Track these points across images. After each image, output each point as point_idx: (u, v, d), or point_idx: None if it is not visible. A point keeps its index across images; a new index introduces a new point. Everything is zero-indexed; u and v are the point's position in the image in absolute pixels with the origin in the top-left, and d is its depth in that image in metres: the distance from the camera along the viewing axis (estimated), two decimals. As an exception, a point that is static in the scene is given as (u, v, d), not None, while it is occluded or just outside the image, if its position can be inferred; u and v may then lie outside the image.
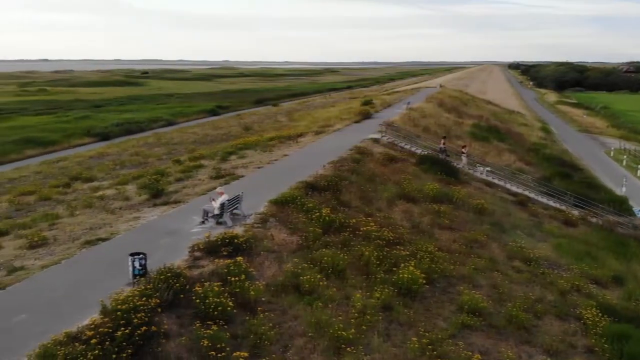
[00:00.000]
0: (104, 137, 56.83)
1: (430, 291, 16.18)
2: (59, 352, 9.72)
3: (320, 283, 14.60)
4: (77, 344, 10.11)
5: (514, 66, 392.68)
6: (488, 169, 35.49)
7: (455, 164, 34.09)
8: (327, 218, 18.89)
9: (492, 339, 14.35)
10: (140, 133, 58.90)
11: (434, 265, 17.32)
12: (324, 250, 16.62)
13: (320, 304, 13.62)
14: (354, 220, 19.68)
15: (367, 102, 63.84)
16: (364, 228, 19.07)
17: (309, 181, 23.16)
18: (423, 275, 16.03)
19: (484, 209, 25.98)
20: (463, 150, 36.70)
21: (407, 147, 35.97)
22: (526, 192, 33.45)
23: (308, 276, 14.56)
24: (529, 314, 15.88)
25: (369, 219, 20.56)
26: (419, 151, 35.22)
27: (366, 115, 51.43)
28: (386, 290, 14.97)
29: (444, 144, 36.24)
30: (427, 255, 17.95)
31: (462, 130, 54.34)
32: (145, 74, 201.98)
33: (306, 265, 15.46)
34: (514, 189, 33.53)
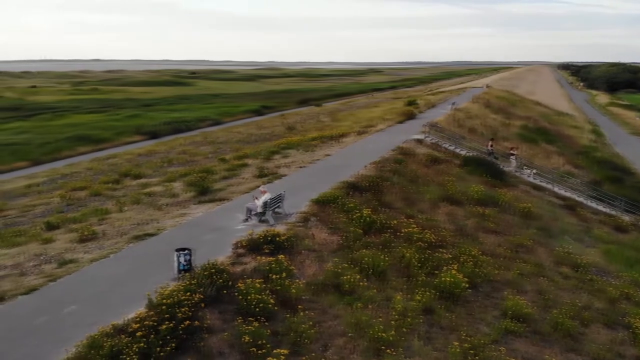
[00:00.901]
0: (153, 135, 58.33)
1: (473, 295, 15.90)
2: (105, 343, 10.05)
3: (361, 283, 14.59)
4: (123, 336, 10.43)
5: (564, 67, 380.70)
6: (535, 171, 34.57)
7: (502, 166, 33.36)
8: (368, 218, 18.85)
9: (537, 346, 13.98)
10: (188, 132, 60.16)
11: (477, 269, 17.01)
12: (364, 250, 16.59)
13: (360, 304, 13.60)
14: (395, 222, 19.56)
15: (411, 103, 63.24)
16: (406, 230, 18.92)
17: (350, 181, 23.16)
18: (466, 279, 15.78)
19: (531, 213, 25.33)
20: (512, 152, 35.86)
21: (452, 148, 35.45)
22: (575, 196, 32.39)
23: (348, 276, 14.57)
24: (576, 321, 15.38)
25: (411, 220, 20.39)
26: (463, 152, 34.66)
27: (410, 116, 50.97)
28: (427, 293, 14.80)
29: (491, 146, 35.52)
30: (471, 259, 17.67)
31: (510, 131, 53.13)
32: (193, 74, 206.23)
33: (346, 265, 15.47)
34: (563, 192, 32.54)
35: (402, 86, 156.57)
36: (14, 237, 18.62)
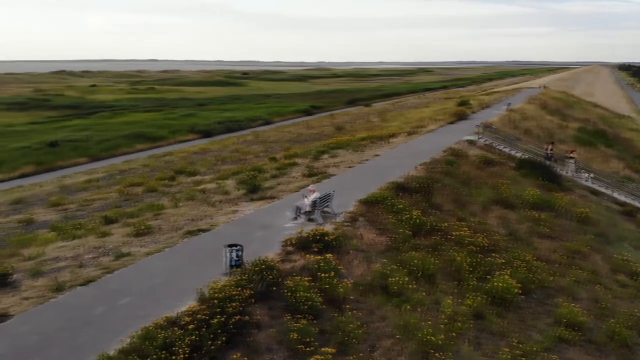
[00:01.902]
0: (207, 134, 59.70)
1: (526, 302, 15.49)
2: (159, 335, 10.34)
3: (409, 286, 14.46)
4: (175, 329, 10.73)
5: (624, 67, 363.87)
6: (593, 175, 33.24)
7: (559, 170, 32.27)
8: (417, 220, 18.65)
9: (591, 355, 13.48)
10: (240, 131, 61.23)
11: (530, 275, 16.57)
12: (413, 252, 16.43)
13: (408, 306, 13.48)
14: (445, 224, 19.27)
15: (463, 103, 62.06)
16: (457, 233, 18.61)
17: (399, 182, 22.97)
18: (518, 284, 15.40)
19: (588, 218, 24.38)
20: (571, 155, 34.63)
21: (506, 150, 34.56)
22: (635, 202, 30.93)
23: (396, 278, 14.47)
24: (633, 331, 14.73)
25: (462, 223, 20.03)
26: (518, 155, 33.73)
27: (462, 116, 50.04)
28: (478, 298, 14.52)
29: (551, 149, 34.40)
30: (524, 265, 17.23)
31: (566, 134, 51.29)
32: (245, 74, 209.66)
33: (395, 266, 15.37)
34: (622, 198, 31.12)
35: (453, 86, 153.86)
36: (73, 230, 19.46)
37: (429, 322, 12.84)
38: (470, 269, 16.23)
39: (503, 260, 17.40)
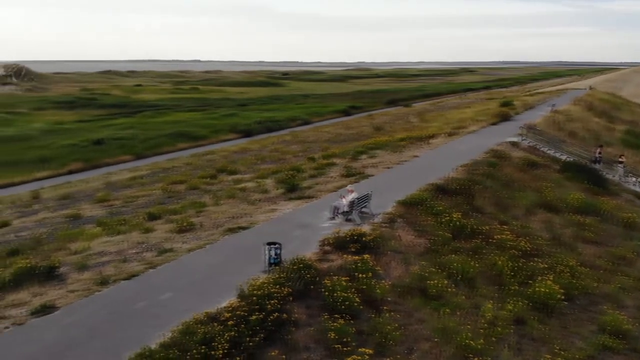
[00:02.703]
0: (247, 133, 60.49)
1: (569, 308, 15.08)
2: (199, 330, 10.54)
3: (448, 289, 14.29)
4: (215, 324, 10.90)
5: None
6: (642, 180, 32.05)
7: (605, 174, 31.25)
8: (457, 223, 18.41)
9: (637, 365, 13.01)
10: (279, 131, 61.77)
11: (574, 281, 16.13)
12: (453, 255, 16.24)
13: (447, 310, 13.32)
14: (487, 227, 18.96)
15: (506, 104, 60.82)
16: (498, 236, 18.28)
17: (439, 184, 22.72)
18: (561, 290, 15.01)
19: (634, 224, 23.53)
20: (620, 159, 33.48)
21: (550, 152, 33.73)
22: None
23: (435, 281, 14.33)
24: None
25: (504, 227, 19.67)
26: (563, 157, 32.85)
27: (504, 117, 49.07)
28: (519, 303, 14.24)
29: (599, 153, 33.35)
30: (568, 270, 16.80)
31: (613, 136, 49.63)
32: (285, 75, 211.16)
33: (434, 269, 15.22)
34: (674, 203, 29.87)
35: (496, 86, 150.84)
36: (118, 226, 20.02)
37: (468, 326, 12.67)
38: (512, 273, 15.93)
39: (546, 265, 17.00)
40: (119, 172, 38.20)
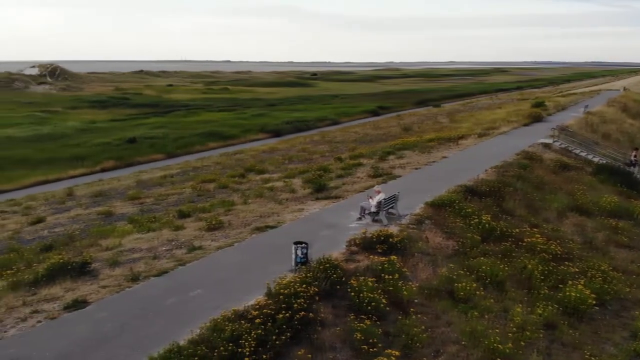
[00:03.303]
0: (276, 133, 60.92)
1: (600, 313, 14.75)
2: (227, 327, 10.66)
3: (477, 292, 14.13)
4: (243, 322, 11.01)
5: None
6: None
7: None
8: (487, 225, 18.18)
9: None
10: (307, 131, 62.01)
11: (606, 286, 15.74)
12: (482, 258, 16.05)
13: (475, 313, 13.18)
14: (517, 230, 18.68)
15: (539, 104, 59.72)
16: (529, 239, 17.98)
17: (468, 185, 22.46)
18: (593, 295, 14.69)
19: (672, 229, 22.85)
20: None
21: (583, 154, 32.99)
22: None
23: (464, 283, 14.18)
24: None
25: (535, 230, 19.34)
26: (596, 159, 32.10)
27: (537, 118, 48.19)
28: (550, 307, 13.98)
29: (635, 155, 32.49)
30: (600, 274, 16.41)
31: (650, 138, 48.21)
32: (314, 75, 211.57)
33: (462, 272, 15.06)
34: None
35: (529, 87, 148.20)
36: (149, 223, 20.39)
37: (497, 330, 12.50)
38: (542, 277, 15.67)
39: (577, 270, 16.66)
40: (151, 171, 38.89)
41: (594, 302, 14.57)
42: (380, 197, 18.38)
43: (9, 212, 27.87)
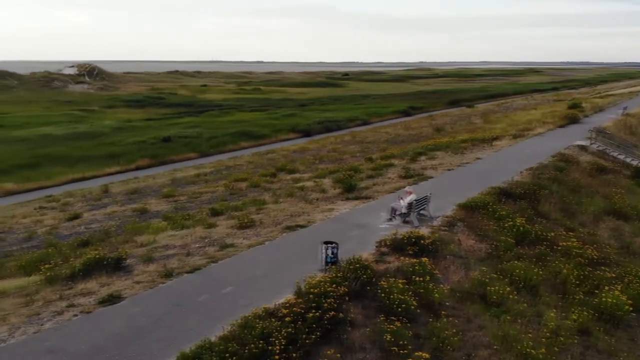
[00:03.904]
0: (307, 133, 61.10)
1: (637, 320, 14.34)
2: (257, 325, 10.75)
3: (510, 296, 13.91)
4: (273, 320, 11.09)
5: None
6: None
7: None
8: (521, 228, 17.88)
9: None
10: (338, 131, 61.98)
11: (644, 292, 15.28)
12: (515, 262, 15.80)
13: (508, 317, 12.98)
14: (552, 234, 18.30)
15: (575, 106, 58.42)
16: (564, 243, 17.61)
17: (502, 187, 22.12)
18: (630, 301, 14.29)
19: None
20: None
21: (621, 157, 32.09)
22: None
23: (496, 287, 13.97)
24: None
25: (570, 233, 18.92)
26: (634, 162, 31.17)
27: (573, 120, 47.18)
28: (585, 312, 13.66)
29: None
30: (637, 280, 15.95)
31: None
32: (345, 75, 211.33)
33: (495, 275, 14.85)
34: None
35: (564, 87, 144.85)
36: (182, 220, 20.72)
37: (530, 335, 12.29)
38: (577, 282, 15.33)
39: (614, 275, 16.23)
40: (184, 169, 39.51)
41: (631, 308, 14.17)
42: (412, 198, 18.26)
43: (48, 208, 28.72)
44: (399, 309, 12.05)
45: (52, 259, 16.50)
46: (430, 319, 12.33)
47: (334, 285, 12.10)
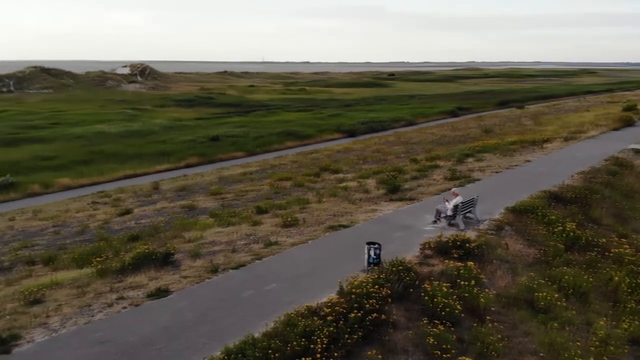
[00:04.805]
0: (351, 133, 60.96)
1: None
2: (299, 323, 10.85)
3: (558, 303, 13.53)
4: (315, 318, 11.17)
5: None
6: None
7: None
8: (571, 233, 17.35)
9: None
10: (382, 131, 61.58)
11: None
12: (565, 268, 15.35)
13: (556, 324, 12.63)
14: (603, 240, 17.67)
15: (630, 108, 56.09)
16: (616, 250, 16.98)
17: (552, 191, 21.52)
18: (687, 313, 13.65)
19: None
20: None
21: (681, 162, 30.57)
22: None
23: (544, 293, 13.62)
24: None
25: (623, 240, 18.22)
26: (697, 168, 29.64)
27: (627, 123, 45.37)
28: (636, 322, 13.14)
29: None
30: (695, 291, 15.19)
31: None
32: (391, 76, 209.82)
33: (543, 281, 14.47)
34: None
35: (619, 89, 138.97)
36: (229, 218, 21.11)
37: (578, 343, 11.92)
38: (629, 290, 14.78)
39: (670, 285, 15.50)
40: (231, 168, 40.18)
41: (688, 320, 13.53)
42: (458, 200, 17.98)
43: (100, 203, 29.79)
44: (443, 313, 11.92)
45: (104, 252, 17.09)
46: (475, 324, 12.14)
47: (376, 287, 12.07)
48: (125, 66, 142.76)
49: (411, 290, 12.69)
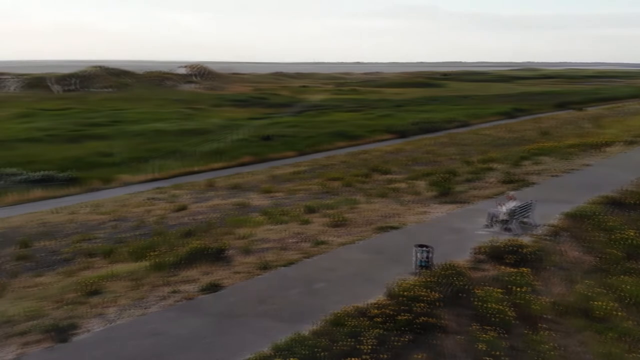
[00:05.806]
0: (402, 134, 60.34)
1: None
2: (347, 323, 10.91)
3: (616, 313, 12.97)
4: (363, 319, 11.20)
5: None
6: None
7: None
8: (632, 241, 16.58)
9: None
10: (434, 132, 60.63)
11: None
12: (624, 277, 14.68)
13: (613, 335, 12.12)
14: (667, 249, 16.78)
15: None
16: (682, 260, 16.07)
17: (613, 196, 20.66)
18: None
19: None
20: None
21: None
22: None
23: (602, 302, 13.09)
24: None
25: (690, 249, 17.22)
26: None
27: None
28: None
29: None
30: None
31: None
32: (445, 76, 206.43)
33: (600, 289, 13.90)
34: None
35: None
36: (279, 216, 21.36)
37: (636, 355, 11.40)
38: (696, 302, 13.94)
39: None
40: (282, 167, 40.58)
41: None
42: (513, 204, 17.55)
43: (157, 199, 30.73)
44: (495, 319, 11.67)
45: (159, 246, 17.57)
46: (527, 332, 11.82)
47: (426, 290, 11.96)
48: (184, 67, 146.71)
49: (462, 295, 12.48)
